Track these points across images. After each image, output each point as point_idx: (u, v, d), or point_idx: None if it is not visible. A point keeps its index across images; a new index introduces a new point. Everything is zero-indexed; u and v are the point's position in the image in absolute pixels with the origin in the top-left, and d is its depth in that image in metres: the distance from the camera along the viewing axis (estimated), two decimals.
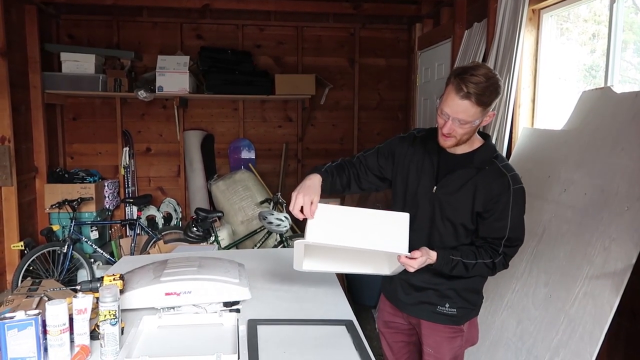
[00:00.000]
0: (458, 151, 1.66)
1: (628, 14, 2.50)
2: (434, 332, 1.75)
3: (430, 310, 1.73)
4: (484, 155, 1.65)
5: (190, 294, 1.66)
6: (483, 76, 1.49)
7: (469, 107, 1.50)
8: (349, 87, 5.20)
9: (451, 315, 1.72)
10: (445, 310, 1.72)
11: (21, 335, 1.33)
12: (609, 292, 1.86)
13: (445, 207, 1.66)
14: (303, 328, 1.66)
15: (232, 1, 4.58)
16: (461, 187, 1.63)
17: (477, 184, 1.61)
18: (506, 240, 1.62)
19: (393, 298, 1.86)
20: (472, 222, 1.66)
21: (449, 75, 1.58)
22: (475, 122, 1.55)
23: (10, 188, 3.86)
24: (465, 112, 1.50)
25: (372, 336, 3.36)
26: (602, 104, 2.34)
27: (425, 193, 1.68)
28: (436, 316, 1.73)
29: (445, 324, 1.73)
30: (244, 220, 4.49)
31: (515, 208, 1.61)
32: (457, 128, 1.55)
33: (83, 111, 4.87)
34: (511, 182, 1.60)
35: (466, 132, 1.57)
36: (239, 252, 3.35)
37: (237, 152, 5.13)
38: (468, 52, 3.59)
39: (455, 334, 1.74)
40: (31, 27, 4.18)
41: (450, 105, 1.52)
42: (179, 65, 4.52)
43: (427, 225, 1.69)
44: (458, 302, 1.72)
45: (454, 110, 1.51)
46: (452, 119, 1.53)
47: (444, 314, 1.72)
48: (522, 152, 2.87)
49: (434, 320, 1.74)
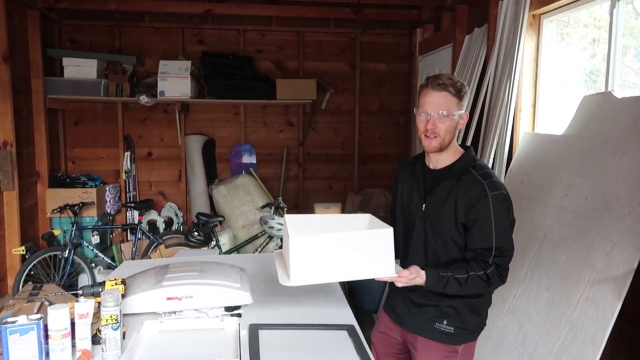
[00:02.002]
0: (439, 165, 1.71)
1: (628, 18, 2.51)
2: (428, 349, 1.74)
3: (428, 326, 1.73)
4: (461, 165, 1.68)
5: (191, 299, 1.66)
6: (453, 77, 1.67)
7: (447, 97, 1.62)
8: (350, 92, 5.21)
9: (448, 334, 1.71)
10: (443, 327, 1.71)
11: (23, 340, 1.33)
12: (611, 296, 1.86)
13: (434, 222, 1.68)
14: (304, 333, 1.65)
15: (233, 6, 4.60)
16: (445, 201, 1.65)
17: (457, 195, 1.63)
18: (495, 250, 1.60)
19: (392, 312, 1.87)
20: (459, 235, 1.66)
21: (420, 85, 1.70)
22: (454, 115, 1.63)
23: (11, 192, 3.86)
24: (445, 102, 1.61)
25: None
26: (603, 109, 2.34)
27: (417, 212, 1.73)
28: (433, 333, 1.72)
29: (441, 341, 1.72)
30: (245, 224, 4.49)
31: (498, 216, 1.60)
32: (439, 123, 1.62)
33: (85, 116, 4.89)
34: (488, 189, 1.60)
35: (447, 129, 1.63)
36: (240, 257, 3.35)
37: (238, 156, 5.14)
38: (469, 57, 3.60)
39: (449, 353, 1.73)
40: (34, 32, 4.20)
41: (429, 102, 1.63)
42: (181, 70, 4.54)
43: (422, 243, 1.72)
44: (456, 322, 1.71)
45: (434, 104, 1.62)
46: (433, 114, 1.62)
47: (440, 332, 1.71)
48: (523, 157, 2.87)
49: (431, 337, 1.73)
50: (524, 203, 2.66)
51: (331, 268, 1.51)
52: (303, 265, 1.49)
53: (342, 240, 1.52)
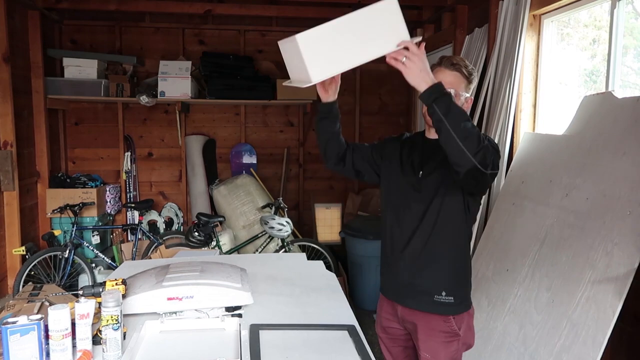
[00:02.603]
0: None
1: (628, 19, 2.51)
2: (430, 338, 1.74)
3: (427, 300, 1.73)
4: None
5: (192, 299, 1.66)
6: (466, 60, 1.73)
7: (459, 78, 1.68)
8: (350, 92, 5.21)
9: (448, 304, 1.71)
10: (443, 298, 1.71)
11: (23, 340, 1.33)
12: (612, 296, 1.86)
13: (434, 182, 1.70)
14: (305, 333, 1.65)
15: (234, 7, 4.60)
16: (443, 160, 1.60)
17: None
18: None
19: (390, 291, 1.86)
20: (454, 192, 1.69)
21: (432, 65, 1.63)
22: (461, 96, 1.68)
23: (12, 193, 3.86)
24: (456, 81, 1.66)
25: (374, 341, 3.35)
26: (603, 109, 2.35)
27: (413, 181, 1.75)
28: (433, 306, 1.72)
29: (442, 314, 1.72)
30: (245, 225, 4.49)
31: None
32: None
33: (85, 116, 4.89)
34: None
35: None
36: (241, 257, 3.35)
37: (239, 156, 5.14)
38: (469, 57, 3.60)
39: (451, 338, 1.73)
40: (34, 32, 4.20)
41: (441, 79, 1.56)
42: (181, 70, 4.54)
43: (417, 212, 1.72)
44: (454, 290, 1.72)
45: (446, 82, 1.56)
46: None
47: (441, 303, 1.71)
48: (524, 157, 2.87)
49: (431, 311, 1.72)
50: (524, 203, 2.66)
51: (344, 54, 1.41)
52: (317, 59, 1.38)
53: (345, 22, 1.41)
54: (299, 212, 5.27)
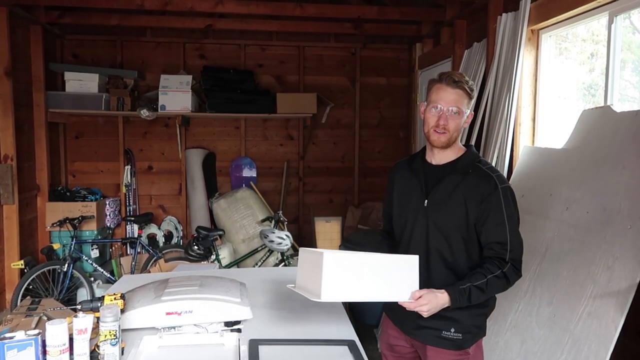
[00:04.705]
0: (443, 161, 1.71)
1: (625, 33, 2.53)
2: (438, 355, 1.69)
3: (434, 335, 1.68)
4: (467, 160, 1.69)
5: (191, 314, 1.65)
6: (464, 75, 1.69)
7: (461, 95, 1.64)
8: (350, 106, 5.24)
9: (456, 340, 1.66)
10: (451, 335, 1.66)
11: (21, 356, 1.32)
12: (614, 311, 1.84)
13: (437, 218, 1.67)
14: (305, 348, 1.64)
15: (234, 21, 4.64)
16: (450, 195, 1.65)
17: (464, 190, 1.63)
18: (510, 244, 1.59)
19: (397, 321, 1.83)
20: (467, 231, 1.64)
21: (431, 80, 1.71)
22: (464, 114, 1.66)
23: (11, 206, 3.86)
24: (458, 99, 1.64)
25: (374, 357, 3.32)
26: (602, 123, 2.35)
27: (419, 209, 1.71)
28: (441, 341, 1.67)
29: (450, 349, 1.67)
30: (245, 238, 4.48)
31: (509, 208, 1.61)
32: (450, 120, 1.64)
33: (86, 130, 4.90)
34: (498, 182, 1.62)
35: (456, 126, 1.66)
36: (240, 271, 3.33)
37: (239, 170, 5.15)
38: (468, 72, 3.62)
39: (461, 356, 1.69)
40: (36, 47, 4.24)
41: (443, 97, 1.64)
42: (182, 84, 4.56)
43: (424, 242, 1.69)
44: (464, 327, 1.66)
45: (448, 100, 1.63)
46: (445, 110, 1.64)
47: (448, 339, 1.67)
48: (523, 171, 2.87)
49: (439, 345, 1.68)
50: (524, 217, 2.64)
51: (358, 287, 1.51)
52: (333, 282, 1.47)
53: (371, 260, 1.55)
54: (298, 226, 5.26)
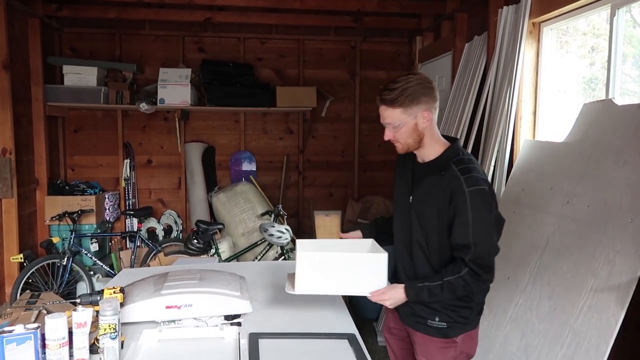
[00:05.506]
0: (426, 159, 1.74)
1: (626, 27, 2.51)
2: (426, 343, 1.75)
3: (421, 322, 1.74)
4: (443, 160, 1.70)
5: (191, 307, 1.65)
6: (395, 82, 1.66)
7: (388, 110, 1.68)
8: (350, 100, 5.22)
9: (441, 329, 1.71)
10: (435, 324, 1.72)
11: (20, 350, 1.32)
12: (614, 305, 1.84)
13: (419, 215, 1.71)
14: (305, 342, 1.64)
15: (234, 15, 4.61)
16: (429, 194, 1.68)
17: (438, 191, 1.65)
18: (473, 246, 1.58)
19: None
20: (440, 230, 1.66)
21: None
22: (402, 123, 1.67)
23: (10, 200, 3.85)
24: (388, 115, 1.68)
25: (374, 350, 3.33)
26: (603, 117, 2.34)
27: (406, 204, 1.76)
28: (427, 329, 1.74)
29: (436, 336, 1.73)
30: (244, 232, 4.48)
31: (475, 212, 1.58)
32: (394, 133, 1.71)
33: (84, 123, 4.89)
34: (465, 185, 1.59)
35: (403, 134, 1.69)
36: (240, 265, 3.33)
37: (238, 164, 5.14)
38: (468, 65, 3.61)
39: (447, 344, 1.73)
40: (34, 40, 4.21)
41: (380, 114, 1.72)
42: (181, 77, 4.54)
43: (408, 236, 1.75)
44: (448, 316, 1.70)
45: (382, 117, 1.71)
46: (385, 126, 1.72)
47: (434, 327, 1.72)
48: (524, 164, 2.86)
49: (425, 333, 1.74)
50: (525, 211, 2.65)
51: (330, 282, 1.68)
52: (307, 277, 1.67)
53: (342, 259, 1.71)
54: (298, 220, 5.26)
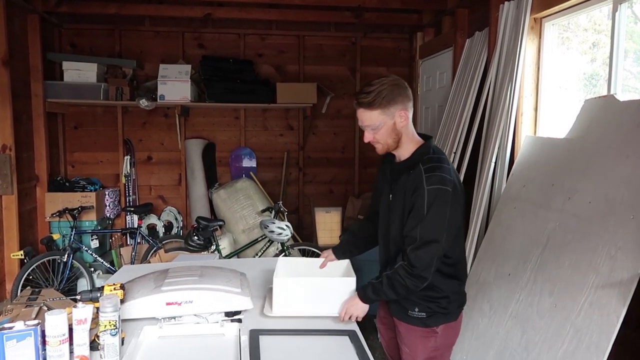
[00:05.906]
0: (402, 158, 1.78)
1: (628, 23, 2.50)
2: (408, 332, 1.81)
3: (404, 313, 1.81)
4: (414, 159, 1.74)
5: (191, 304, 1.64)
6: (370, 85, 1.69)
7: (365, 113, 1.70)
8: (350, 96, 5.20)
9: (421, 318, 1.78)
10: (415, 314, 1.78)
11: (20, 346, 1.31)
12: (616, 301, 1.84)
13: (394, 212, 1.76)
14: (306, 338, 1.64)
15: (234, 10, 4.60)
16: (400, 192, 1.74)
17: (407, 188, 1.70)
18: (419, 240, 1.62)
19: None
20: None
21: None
22: (381, 124, 1.69)
23: (10, 197, 3.85)
24: (365, 118, 1.71)
25: (375, 346, 3.33)
26: (605, 112, 2.33)
27: (386, 202, 1.82)
28: (409, 319, 1.80)
29: (417, 325, 1.79)
30: (245, 229, 4.48)
31: (429, 208, 1.61)
32: (372, 135, 1.73)
33: (84, 120, 4.88)
34: (425, 183, 1.63)
35: (382, 135, 1.72)
36: (240, 261, 3.33)
37: (239, 160, 5.13)
38: (469, 61, 3.59)
39: (428, 334, 1.78)
40: (34, 36, 4.20)
41: (358, 117, 1.74)
42: (181, 74, 4.53)
43: (387, 233, 1.81)
44: (427, 307, 1.76)
45: (360, 121, 1.74)
46: (364, 129, 1.74)
47: (414, 317, 1.79)
48: (525, 161, 2.86)
49: (408, 322, 1.81)
50: (526, 207, 2.65)
51: (304, 305, 1.80)
52: (282, 301, 1.79)
53: (314, 283, 1.85)
54: (299, 216, 5.26)
